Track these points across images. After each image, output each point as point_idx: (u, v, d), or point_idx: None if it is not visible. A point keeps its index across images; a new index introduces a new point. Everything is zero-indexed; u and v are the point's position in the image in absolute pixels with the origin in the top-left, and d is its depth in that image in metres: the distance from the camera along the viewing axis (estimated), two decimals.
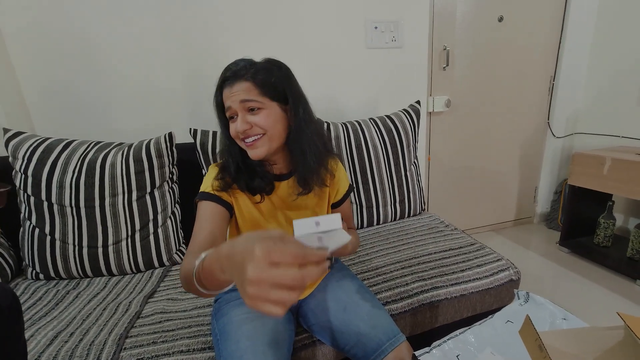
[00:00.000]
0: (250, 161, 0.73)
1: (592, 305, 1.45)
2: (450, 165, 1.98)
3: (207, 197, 0.72)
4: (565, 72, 1.98)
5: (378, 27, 1.57)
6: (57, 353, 0.77)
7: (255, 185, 0.73)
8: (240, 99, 0.67)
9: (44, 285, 1.07)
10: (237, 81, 0.67)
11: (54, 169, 1.09)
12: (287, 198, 0.78)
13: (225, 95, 0.68)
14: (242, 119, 0.67)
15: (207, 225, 0.68)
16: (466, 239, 1.20)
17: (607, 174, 1.58)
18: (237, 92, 0.67)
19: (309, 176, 0.75)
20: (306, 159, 0.73)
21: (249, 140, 0.69)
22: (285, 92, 0.70)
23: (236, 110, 0.68)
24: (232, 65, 0.69)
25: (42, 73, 1.27)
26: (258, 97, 0.67)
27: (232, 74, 0.68)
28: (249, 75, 0.67)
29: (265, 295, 0.33)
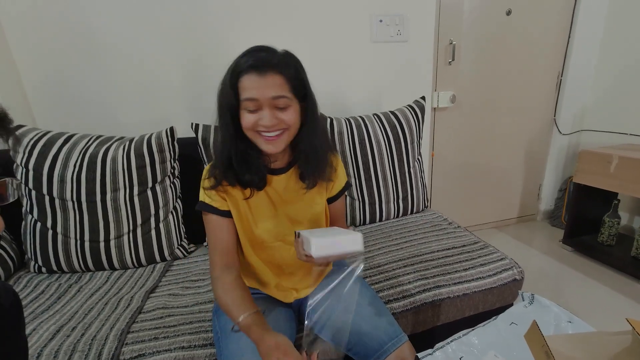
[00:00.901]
0: (247, 153, 0.69)
1: (595, 305, 1.45)
2: (453, 161, 1.96)
3: (207, 209, 0.72)
4: (574, 67, 1.94)
5: (383, 20, 1.53)
6: (59, 347, 0.77)
7: (246, 179, 0.70)
8: (272, 95, 0.62)
9: (46, 279, 1.07)
10: (268, 71, 0.61)
11: (55, 163, 1.08)
12: (284, 192, 0.76)
13: (249, 83, 0.62)
14: (270, 115, 0.63)
15: (221, 236, 0.73)
16: (469, 237, 1.19)
17: (614, 172, 1.56)
18: (269, 85, 0.62)
19: (317, 172, 0.74)
20: (317, 155, 0.72)
21: (270, 135, 0.65)
22: (305, 89, 0.68)
23: (262, 103, 0.63)
24: (262, 53, 0.63)
25: (43, 66, 1.25)
26: (288, 94, 0.64)
27: (263, 62, 0.62)
28: (280, 68, 0.63)
29: None
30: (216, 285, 0.70)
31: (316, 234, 0.59)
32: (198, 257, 1.21)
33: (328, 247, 0.54)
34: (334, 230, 0.62)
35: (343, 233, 0.58)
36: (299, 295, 0.83)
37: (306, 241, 0.57)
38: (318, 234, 0.59)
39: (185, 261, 1.19)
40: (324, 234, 0.60)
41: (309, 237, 0.56)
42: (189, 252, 1.24)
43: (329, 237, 0.55)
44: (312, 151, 0.72)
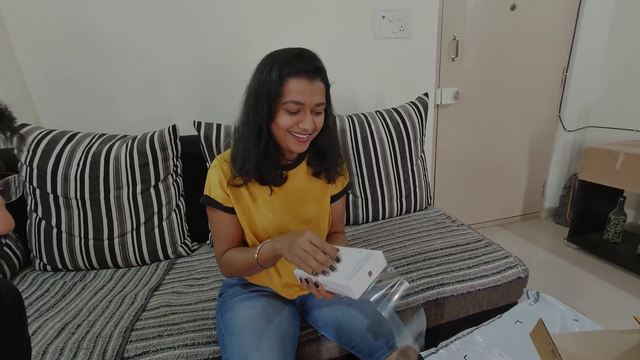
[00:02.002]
0: (271, 153, 0.70)
1: (600, 303, 1.43)
2: (457, 158, 1.95)
3: (212, 204, 0.73)
4: (579, 63, 1.91)
5: (386, 16, 1.52)
6: (64, 345, 0.78)
7: (269, 177, 0.72)
8: (317, 102, 0.65)
9: (51, 277, 1.08)
10: (316, 77, 0.65)
11: (59, 161, 1.08)
12: (291, 188, 0.77)
13: (299, 87, 0.63)
14: (311, 120, 0.66)
15: (226, 230, 0.75)
16: (473, 234, 1.18)
17: (620, 168, 1.54)
18: (316, 92, 0.65)
19: (334, 170, 0.79)
20: (332, 153, 0.77)
21: (303, 137, 0.68)
22: (329, 94, 0.71)
23: (306, 108, 0.65)
24: (311, 58, 0.65)
25: (46, 65, 1.25)
26: (324, 101, 0.68)
27: (313, 67, 0.64)
28: (324, 75, 0.67)
29: (301, 254, 0.57)
30: (223, 261, 0.74)
31: (340, 272, 0.54)
32: (201, 255, 1.21)
33: (364, 282, 0.52)
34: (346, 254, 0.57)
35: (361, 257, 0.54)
36: (303, 291, 0.84)
37: (337, 286, 0.54)
38: (339, 270, 0.55)
39: (188, 259, 1.19)
40: (345, 268, 0.54)
41: (338, 281, 0.52)
42: (192, 250, 1.25)
43: (355, 270, 0.51)
44: (329, 150, 0.76)
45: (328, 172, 0.78)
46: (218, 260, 0.77)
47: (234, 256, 0.73)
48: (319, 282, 0.57)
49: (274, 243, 0.65)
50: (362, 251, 0.56)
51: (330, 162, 0.77)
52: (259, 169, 0.70)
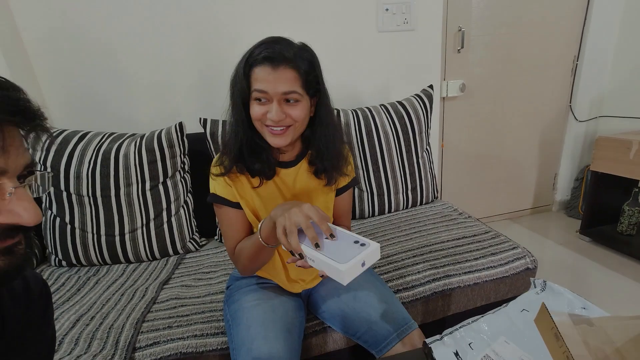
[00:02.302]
0: (257, 143, 0.69)
1: (615, 296, 1.40)
2: (464, 152, 1.92)
3: (219, 200, 0.72)
4: (590, 51, 1.86)
5: (389, 8, 1.51)
6: (79, 335, 0.80)
7: (255, 168, 0.70)
8: (283, 90, 0.61)
9: (66, 272, 1.12)
10: (281, 65, 0.61)
11: (71, 160, 1.12)
12: (294, 185, 0.75)
13: (262, 75, 0.61)
14: (278, 109, 0.62)
15: (235, 226, 0.74)
16: (480, 226, 1.17)
17: (634, 158, 1.50)
18: (281, 80, 0.61)
19: (333, 168, 0.74)
20: (331, 151, 0.72)
21: (277, 129, 0.65)
22: (318, 84, 0.67)
23: (272, 97, 0.62)
24: (277, 45, 0.62)
25: (58, 69, 1.29)
26: (299, 90, 0.63)
27: (277, 54, 0.61)
28: (294, 62, 0.62)
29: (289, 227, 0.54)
30: (236, 255, 0.73)
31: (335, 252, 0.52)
32: (209, 250, 1.23)
33: (356, 270, 0.51)
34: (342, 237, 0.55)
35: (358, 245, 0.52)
36: (307, 285, 0.84)
37: (326, 267, 0.52)
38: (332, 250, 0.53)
39: (197, 254, 1.21)
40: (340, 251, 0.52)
41: (330, 262, 0.50)
42: (200, 246, 1.27)
43: (350, 257, 0.50)
44: (325, 147, 0.72)
45: (328, 173, 0.74)
46: (231, 257, 0.75)
47: (242, 245, 0.72)
48: (305, 253, 0.54)
49: (269, 217, 0.61)
50: (360, 238, 0.54)
51: (326, 162, 0.73)
52: (241, 160, 0.69)
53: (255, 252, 0.67)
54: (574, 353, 0.42)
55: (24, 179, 0.35)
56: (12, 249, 0.34)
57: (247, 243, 0.70)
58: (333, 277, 0.52)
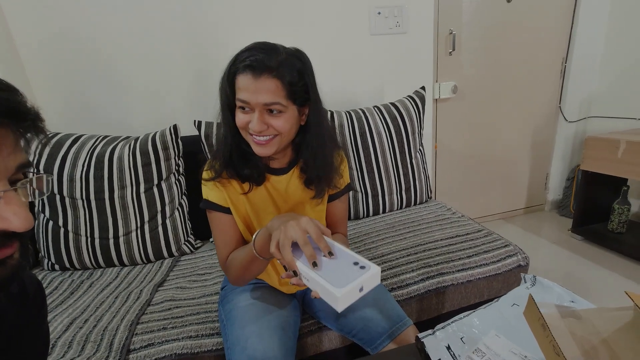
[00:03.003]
0: (244, 149, 0.68)
1: (606, 292, 1.42)
2: (458, 152, 1.95)
3: (211, 206, 0.71)
4: (578, 53, 1.90)
5: (382, 12, 1.54)
6: (72, 338, 0.80)
7: (245, 173, 0.69)
8: (264, 101, 0.59)
9: (59, 276, 1.11)
10: (263, 74, 0.58)
11: (64, 163, 1.11)
12: (286, 193, 0.74)
13: (244, 84, 0.59)
14: (259, 120, 0.60)
15: (227, 231, 0.73)
16: (473, 225, 1.18)
17: (622, 157, 1.53)
18: (262, 90, 0.59)
19: (323, 180, 0.72)
20: (320, 163, 0.70)
21: (260, 139, 0.63)
22: (309, 93, 0.65)
23: (253, 107, 0.60)
24: (261, 53, 0.59)
25: (51, 71, 1.29)
26: (283, 100, 0.60)
27: (258, 62, 0.58)
28: (278, 72, 0.59)
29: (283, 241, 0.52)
30: (227, 264, 0.72)
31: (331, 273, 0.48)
32: (204, 253, 1.23)
33: (353, 295, 0.47)
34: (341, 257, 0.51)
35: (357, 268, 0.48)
36: (301, 287, 0.84)
37: (321, 289, 0.48)
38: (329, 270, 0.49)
39: (192, 256, 1.21)
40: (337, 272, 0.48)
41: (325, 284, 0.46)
42: (195, 248, 1.27)
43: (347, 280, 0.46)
44: (313, 158, 0.70)
45: (317, 184, 0.72)
46: (223, 266, 0.74)
47: (235, 255, 0.70)
48: (299, 270, 0.51)
49: (265, 229, 0.59)
50: (360, 260, 0.50)
51: (316, 172, 0.71)
52: (231, 164, 0.68)
53: (247, 263, 0.65)
54: (560, 343, 0.43)
55: (18, 181, 0.34)
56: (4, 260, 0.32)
57: (240, 253, 0.68)
58: (327, 300, 0.48)
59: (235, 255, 0.70)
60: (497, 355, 0.54)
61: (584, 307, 0.61)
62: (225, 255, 0.73)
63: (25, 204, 0.34)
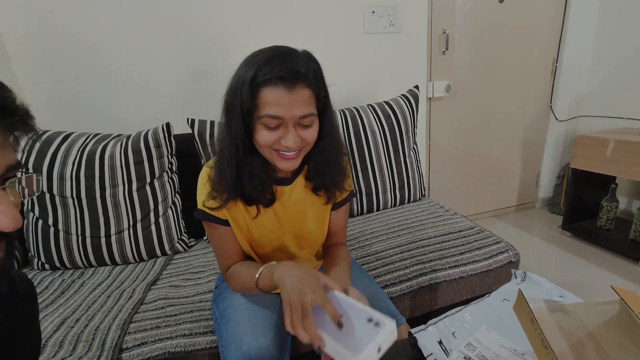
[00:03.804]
0: (257, 168, 0.62)
1: (594, 287, 1.46)
2: (451, 151, 1.97)
3: (208, 218, 0.66)
4: (569, 53, 1.93)
5: (375, 11, 1.54)
6: (64, 338, 0.79)
7: (254, 197, 0.64)
8: (301, 114, 0.54)
9: (49, 275, 1.09)
10: (297, 84, 0.53)
11: (54, 161, 1.10)
12: (288, 202, 0.71)
13: (275, 98, 0.53)
14: (295, 135, 0.56)
15: (229, 245, 0.70)
16: (466, 222, 1.20)
17: (611, 156, 1.56)
18: (297, 103, 0.54)
19: (333, 185, 0.69)
20: (332, 168, 0.67)
21: (289, 154, 0.58)
22: (327, 99, 0.61)
23: (287, 122, 0.55)
24: (288, 60, 0.54)
25: (39, 67, 1.26)
26: (314, 110, 0.57)
27: (291, 73, 0.53)
28: (308, 79, 0.55)
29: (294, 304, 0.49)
30: (229, 276, 0.70)
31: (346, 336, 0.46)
32: (198, 251, 1.22)
33: (370, 357, 0.44)
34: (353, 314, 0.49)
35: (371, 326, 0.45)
36: None
37: (337, 354, 0.46)
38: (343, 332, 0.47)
39: (185, 255, 1.20)
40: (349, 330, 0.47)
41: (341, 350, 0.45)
42: (189, 246, 1.26)
43: (364, 342, 0.44)
44: (327, 164, 0.66)
45: (328, 190, 0.69)
46: (224, 276, 0.72)
47: (238, 272, 0.67)
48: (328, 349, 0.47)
49: (274, 271, 0.57)
50: (373, 315, 0.47)
51: (328, 177, 0.67)
52: (238, 190, 0.62)
53: (249, 289, 0.64)
54: (548, 337, 0.44)
55: (6, 180, 0.33)
56: None
57: (242, 274, 0.66)
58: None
59: (237, 272, 0.68)
60: (487, 349, 0.55)
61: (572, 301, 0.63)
62: (225, 266, 0.71)
63: (15, 203, 0.33)
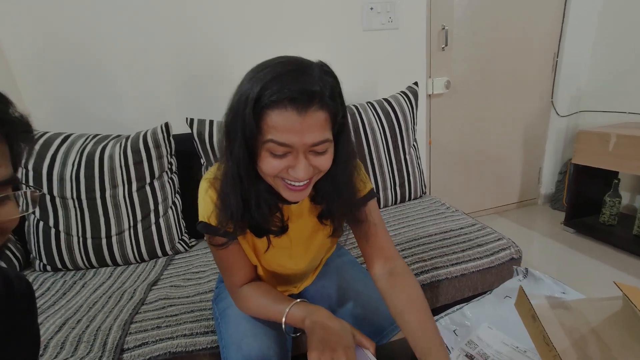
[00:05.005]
0: (262, 197, 0.55)
1: (597, 284, 1.44)
2: (451, 148, 1.96)
3: (212, 231, 0.59)
4: (569, 48, 1.92)
5: (374, 8, 1.53)
6: (65, 339, 0.79)
7: (264, 228, 0.58)
8: (314, 141, 0.46)
9: (51, 277, 1.09)
10: (310, 107, 0.45)
11: (54, 162, 1.10)
12: (296, 219, 0.64)
13: (282, 123, 0.45)
14: (307, 165, 0.48)
15: (236, 260, 0.63)
16: (467, 219, 1.19)
17: (613, 150, 1.55)
18: (310, 128, 0.45)
19: (340, 216, 0.62)
20: (343, 197, 0.58)
21: (299, 185, 0.50)
22: (345, 118, 0.53)
23: (297, 149, 0.47)
24: (300, 77, 0.45)
25: (38, 68, 1.26)
26: (330, 135, 0.48)
27: (303, 93, 0.44)
28: (323, 99, 0.46)
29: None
30: (240, 297, 0.64)
31: None
32: (199, 251, 1.22)
33: None
34: None
35: None
36: (298, 290, 0.83)
37: None
38: None
39: (186, 255, 1.20)
40: None
41: None
42: (190, 247, 1.26)
43: None
44: (337, 193, 0.57)
45: (334, 222, 0.62)
46: (232, 294, 0.66)
47: (255, 300, 0.62)
48: None
49: (307, 317, 0.55)
50: None
51: (337, 207, 0.59)
52: (246, 220, 0.56)
53: (267, 318, 0.61)
54: (550, 333, 0.43)
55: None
56: None
57: (262, 303, 0.61)
58: None
59: (254, 301, 0.62)
60: (489, 347, 0.54)
61: (574, 298, 0.62)
62: (233, 284, 0.64)
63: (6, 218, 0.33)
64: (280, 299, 0.61)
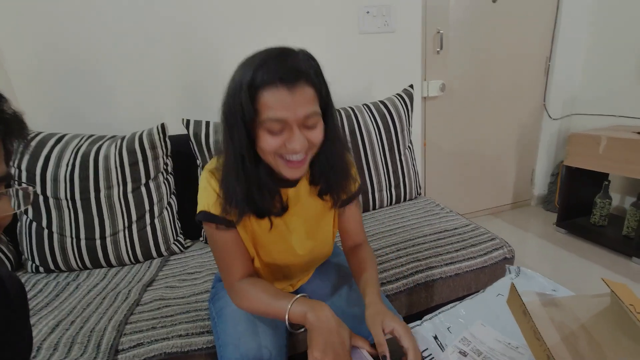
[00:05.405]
0: (263, 180, 0.59)
1: (587, 283, 1.47)
2: (446, 150, 1.98)
3: (212, 219, 0.60)
4: (561, 52, 1.96)
5: (370, 11, 1.55)
6: (58, 340, 0.78)
7: (266, 208, 0.61)
8: (305, 113, 0.52)
9: (44, 278, 1.08)
10: (298, 83, 0.51)
11: (48, 162, 1.09)
12: (294, 204, 0.67)
13: (276, 100, 0.50)
14: (301, 137, 0.53)
15: (235, 254, 0.64)
16: (461, 220, 1.21)
17: (603, 153, 1.58)
18: (300, 102, 0.51)
19: (338, 188, 0.66)
20: (336, 170, 0.64)
21: (295, 158, 0.55)
22: (329, 97, 0.58)
23: (291, 124, 0.52)
24: (287, 59, 0.51)
25: (32, 67, 1.25)
26: (318, 109, 0.54)
27: (291, 71, 0.50)
28: (309, 77, 0.52)
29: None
30: (238, 291, 0.64)
31: None
32: (195, 252, 1.22)
33: None
34: None
35: None
36: (294, 288, 0.83)
37: None
38: None
39: (181, 256, 1.20)
40: None
41: None
42: (185, 247, 1.25)
43: None
44: (331, 167, 0.63)
45: (334, 194, 0.66)
46: (230, 290, 0.65)
47: (253, 295, 0.62)
48: None
49: (308, 312, 0.56)
50: None
51: (334, 180, 0.64)
52: (249, 203, 0.58)
53: (267, 315, 0.62)
54: (541, 329, 0.44)
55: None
56: None
57: (261, 298, 0.61)
58: None
59: (252, 295, 0.62)
60: (482, 344, 0.55)
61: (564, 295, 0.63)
62: (231, 279, 0.64)
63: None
64: (280, 295, 0.61)
